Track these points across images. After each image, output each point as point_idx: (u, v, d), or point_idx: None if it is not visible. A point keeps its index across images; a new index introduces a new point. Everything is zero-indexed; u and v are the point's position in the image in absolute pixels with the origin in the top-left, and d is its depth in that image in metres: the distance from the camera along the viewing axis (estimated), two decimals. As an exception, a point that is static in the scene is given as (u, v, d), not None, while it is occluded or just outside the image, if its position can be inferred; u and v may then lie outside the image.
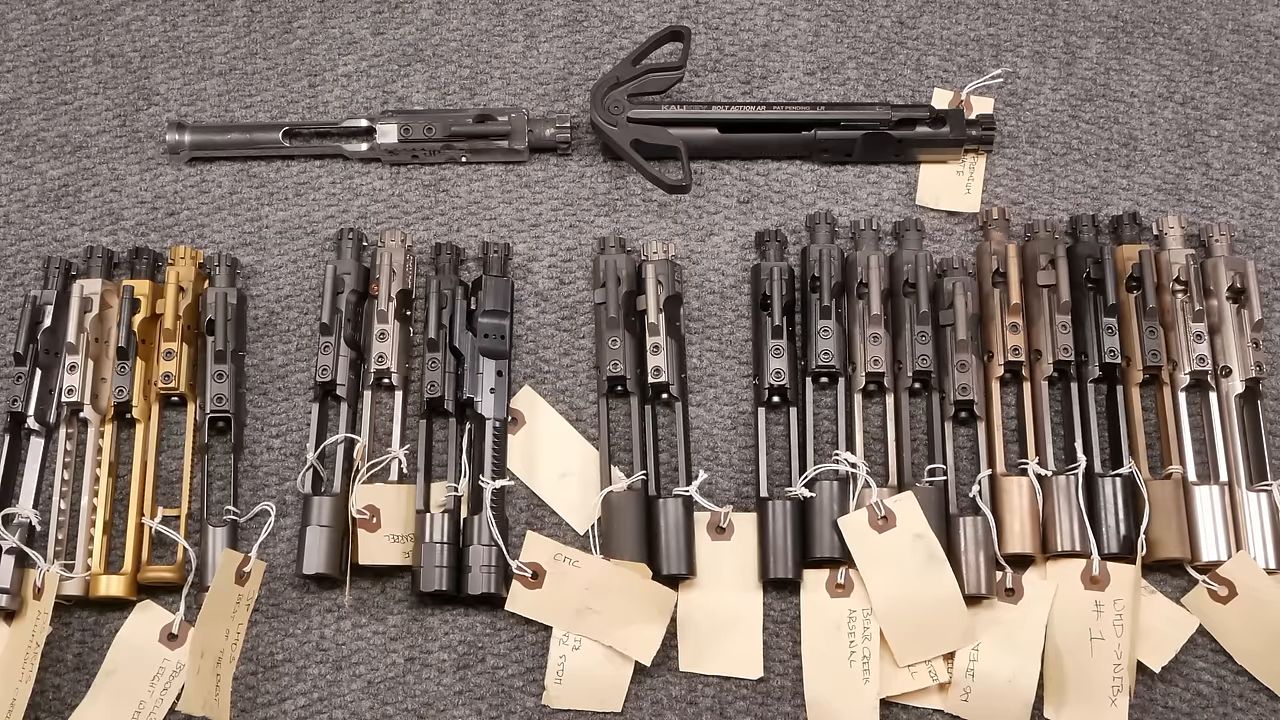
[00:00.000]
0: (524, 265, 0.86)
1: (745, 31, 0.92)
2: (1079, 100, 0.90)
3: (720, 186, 0.87)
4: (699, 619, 0.77)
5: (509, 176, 0.88)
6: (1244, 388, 0.79)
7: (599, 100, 0.85)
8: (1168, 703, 0.76)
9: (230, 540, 0.78)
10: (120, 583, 0.77)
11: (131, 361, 0.81)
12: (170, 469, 0.82)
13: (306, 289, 0.86)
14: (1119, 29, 0.92)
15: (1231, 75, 0.91)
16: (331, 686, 0.77)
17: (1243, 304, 0.80)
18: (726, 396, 0.82)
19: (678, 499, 0.77)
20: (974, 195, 0.87)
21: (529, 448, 0.81)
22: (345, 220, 0.87)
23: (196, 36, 0.92)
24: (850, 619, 0.76)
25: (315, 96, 0.91)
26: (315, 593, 0.79)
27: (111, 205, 0.88)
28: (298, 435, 0.82)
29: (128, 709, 0.76)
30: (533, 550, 0.77)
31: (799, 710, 0.76)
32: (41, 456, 0.80)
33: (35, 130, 0.90)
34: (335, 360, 0.81)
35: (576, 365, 0.83)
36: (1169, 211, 0.86)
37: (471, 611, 0.78)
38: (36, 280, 0.86)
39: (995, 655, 0.75)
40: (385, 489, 0.78)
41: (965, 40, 0.91)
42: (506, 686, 0.77)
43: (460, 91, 0.90)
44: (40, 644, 0.74)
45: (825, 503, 0.77)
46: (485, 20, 0.93)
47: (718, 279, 0.85)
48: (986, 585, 0.75)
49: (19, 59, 0.92)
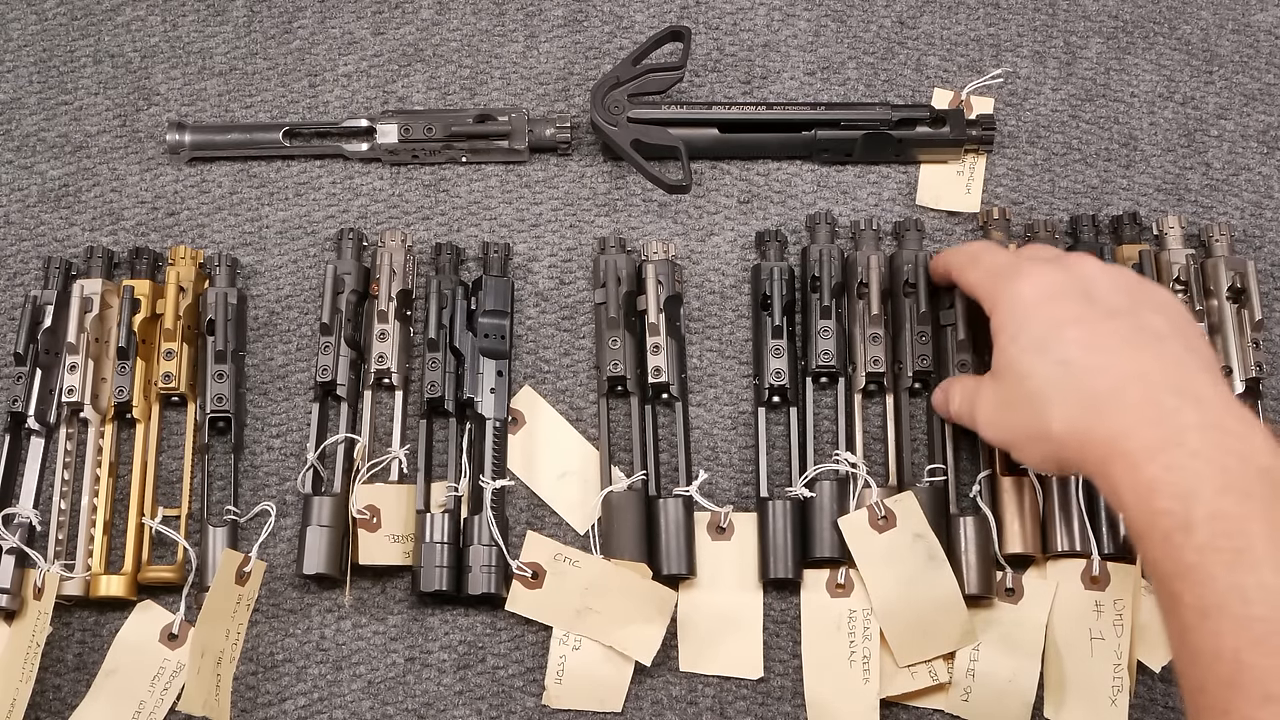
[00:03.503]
0: (524, 265, 0.86)
1: (745, 31, 0.92)
2: (1079, 100, 0.90)
3: (720, 186, 0.87)
4: (699, 619, 0.77)
5: (509, 176, 0.88)
6: (1244, 388, 0.79)
7: (599, 100, 0.85)
8: (1168, 703, 0.76)
9: (230, 540, 0.78)
10: (120, 583, 0.77)
11: (131, 361, 0.81)
12: (170, 469, 0.82)
13: (306, 289, 0.86)
14: (1119, 29, 0.92)
15: (1231, 75, 0.91)
16: (331, 686, 0.77)
17: (1243, 304, 0.80)
18: (726, 396, 0.82)
19: (678, 499, 0.77)
20: (974, 195, 0.87)
21: (529, 448, 0.81)
22: (345, 220, 0.87)
23: (196, 36, 0.92)
24: (850, 619, 0.76)
25: (315, 96, 0.91)
26: (315, 593, 0.79)
27: (111, 205, 0.88)
28: (298, 435, 0.82)
29: (128, 709, 0.76)
30: (533, 550, 0.77)
31: (799, 710, 0.76)
32: (41, 456, 0.80)
33: (35, 130, 0.90)
34: (335, 360, 0.81)
35: (576, 365, 0.83)
36: (1169, 211, 0.86)
37: (471, 611, 0.78)
38: (36, 280, 0.86)
39: (996, 655, 0.75)
40: (385, 489, 0.79)
41: (965, 40, 0.91)
42: (506, 686, 0.77)
43: (460, 91, 0.91)
44: (40, 644, 0.74)
45: (825, 503, 0.77)
46: (485, 20, 0.93)
47: (718, 279, 0.85)
48: (986, 585, 0.75)
49: (19, 59, 0.92)
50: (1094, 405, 0.62)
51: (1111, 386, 0.62)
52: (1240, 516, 0.56)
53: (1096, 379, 0.63)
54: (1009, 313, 0.68)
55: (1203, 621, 0.55)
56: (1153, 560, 0.58)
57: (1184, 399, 0.61)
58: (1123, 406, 0.61)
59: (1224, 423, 0.60)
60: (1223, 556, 0.56)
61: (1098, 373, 0.63)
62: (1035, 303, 0.67)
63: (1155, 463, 0.59)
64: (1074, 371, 0.64)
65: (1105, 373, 0.63)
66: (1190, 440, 0.59)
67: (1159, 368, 0.63)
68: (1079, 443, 0.63)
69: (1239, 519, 0.56)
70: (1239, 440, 0.59)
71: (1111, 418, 0.61)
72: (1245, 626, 0.54)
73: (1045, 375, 0.65)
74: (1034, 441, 0.67)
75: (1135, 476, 0.59)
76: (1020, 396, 0.66)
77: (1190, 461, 0.58)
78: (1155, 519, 0.58)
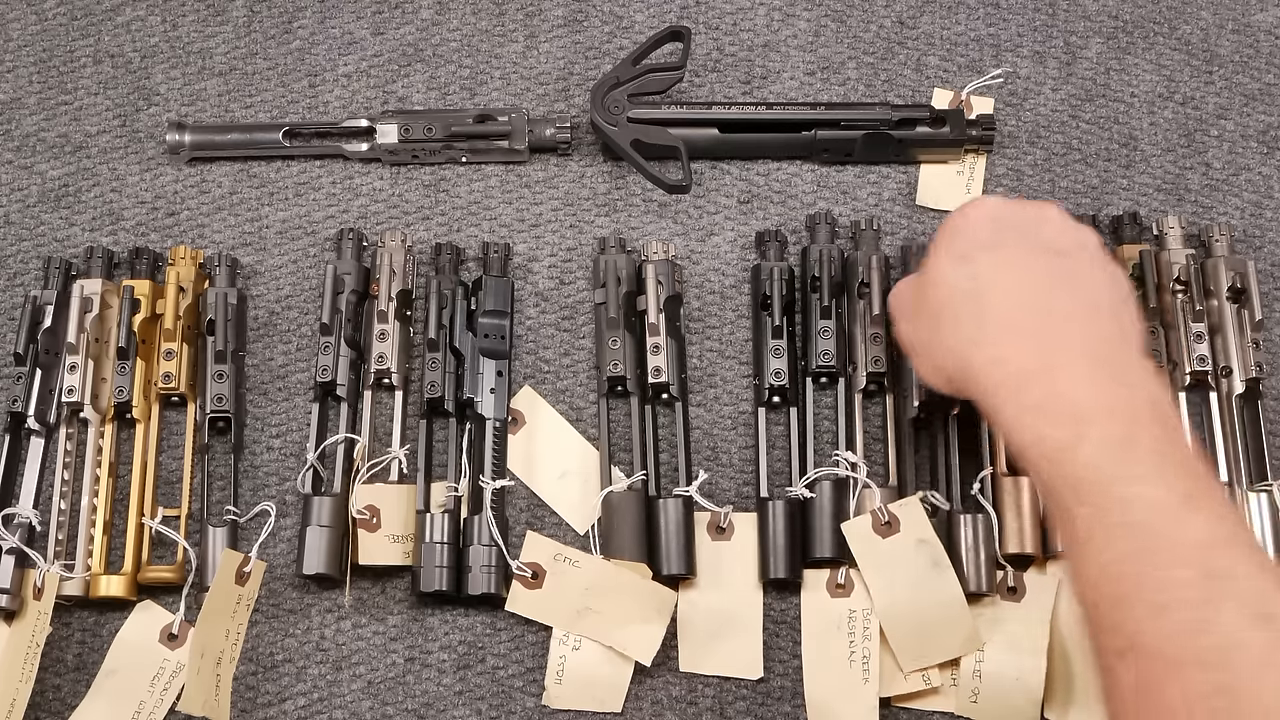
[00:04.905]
0: (524, 265, 0.86)
1: (745, 31, 0.92)
2: (1079, 100, 0.90)
3: (720, 186, 0.87)
4: (699, 619, 0.77)
5: (509, 176, 0.88)
6: (1244, 388, 0.79)
7: (599, 100, 0.85)
8: (1168, 703, 0.76)
9: (230, 540, 0.78)
10: (120, 583, 0.77)
11: (131, 361, 0.81)
12: (170, 469, 0.82)
13: (306, 289, 0.86)
14: (1119, 29, 0.92)
15: (1231, 75, 0.91)
16: (331, 686, 0.77)
17: (1243, 304, 0.80)
18: (726, 396, 0.82)
19: (678, 499, 0.77)
20: (974, 195, 0.87)
21: (529, 448, 0.81)
22: (345, 220, 0.87)
23: (196, 36, 0.92)
24: (850, 619, 0.76)
25: (315, 96, 0.91)
26: (315, 593, 0.79)
27: (111, 205, 0.88)
28: (298, 435, 0.82)
29: (128, 709, 0.76)
30: (533, 550, 0.77)
31: (799, 710, 0.76)
32: (41, 456, 0.80)
33: (35, 130, 0.90)
34: (335, 360, 0.81)
35: (576, 365, 0.83)
36: (1169, 211, 0.86)
37: (471, 611, 0.78)
38: (36, 280, 0.86)
39: (1001, 655, 0.75)
40: (385, 489, 0.78)
41: (965, 40, 0.91)
42: (506, 686, 0.77)
43: (460, 91, 0.91)
44: (40, 644, 0.74)
45: (825, 503, 0.77)
46: (485, 20, 0.93)
47: (718, 279, 0.85)
48: (988, 583, 0.75)
49: (19, 59, 0.92)
50: (986, 324, 0.63)
51: (1010, 309, 0.63)
52: (1125, 437, 0.57)
53: (997, 299, 0.64)
54: (951, 223, 0.68)
55: (1090, 535, 0.56)
56: (1043, 480, 0.59)
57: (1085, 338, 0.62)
58: (1016, 331, 0.62)
59: (1117, 358, 0.61)
60: (1108, 470, 0.56)
61: (1000, 293, 0.64)
62: (977, 221, 0.68)
63: (1041, 385, 0.60)
64: (980, 287, 0.65)
65: (1008, 296, 0.64)
66: (1079, 368, 0.60)
67: (1068, 309, 0.63)
68: (964, 358, 0.64)
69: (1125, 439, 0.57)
70: (1129, 372, 0.60)
71: (1002, 340, 0.63)
72: (1131, 536, 0.55)
73: (954, 286, 0.66)
74: (928, 349, 0.68)
75: (1020, 399, 0.60)
76: (929, 302, 0.67)
77: (1078, 386, 0.59)
78: (1041, 441, 0.59)
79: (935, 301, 0.67)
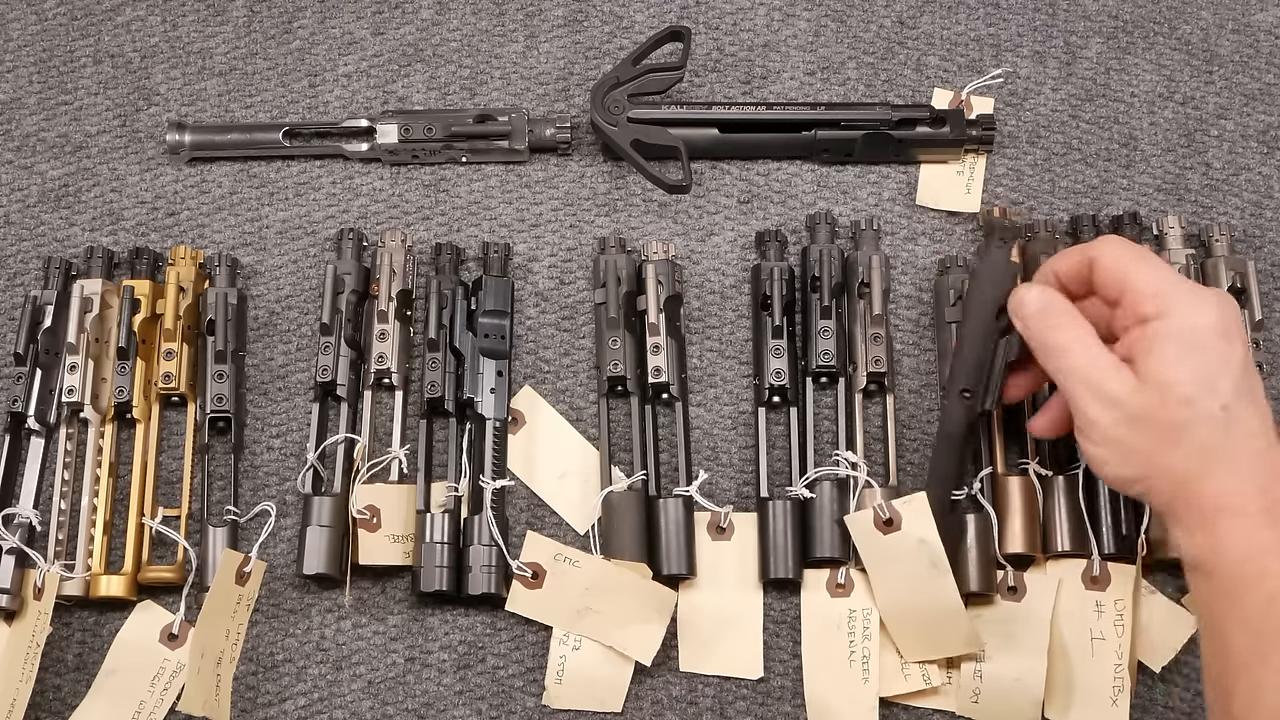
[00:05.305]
0: (524, 265, 0.86)
1: (745, 31, 0.92)
2: (1079, 100, 0.90)
3: (720, 186, 0.87)
4: (699, 619, 0.77)
5: (509, 176, 0.88)
6: (1244, 388, 0.79)
7: (599, 100, 0.85)
8: (1168, 703, 0.76)
9: (230, 540, 0.78)
10: (120, 583, 0.77)
11: (132, 361, 0.81)
12: (170, 469, 0.82)
13: (306, 289, 0.86)
14: (1119, 29, 0.92)
15: (1231, 75, 0.91)
16: (331, 686, 0.77)
17: (1243, 304, 0.80)
18: (727, 396, 0.82)
19: (678, 499, 0.77)
20: (974, 195, 0.87)
21: (529, 448, 0.81)
22: (345, 220, 0.87)
23: (196, 36, 0.92)
24: (850, 619, 0.76)
25: (315, 96, 0.91)
26: (315, 593, 0.79)
27: (111, 205, 0.88)
28: (298, 435, 0.82)
29: (128, 709, 0.76)
30: (533, 550, 0.77)
31: (799, 710, 0.76)
32: (41, 456, 0.80)
33: (35, 130, 0.90)
34: (335, 360, 0.81)
35: (576, 365, 0.83)
36: (1169, 211, 0.86)
37: (471, 611, 0.78)
38: (36, 280, 0.86)
39: (1002, 655, 0.75)
40: (385, 489, 0.78)
41: (965, 40, 0.91)
42: (506, 686, 0.77)
43: (460, 91, 0.91)
44: (40, 644, 0.74)
45: (825, 503, 0.77)
46: (485, 20, 0.93)
47: (718, 279, 0.85)
48: (987, 583, 0.75)
49: (19, 59, 0.92)
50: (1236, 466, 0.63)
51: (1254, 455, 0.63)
52: None
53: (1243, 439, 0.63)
54: (1188, 328, 0.64)
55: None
56: (1241, 618, 0.60)
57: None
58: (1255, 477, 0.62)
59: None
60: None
61: (1247, 434, 0.63)
62: (1215, 331, 0.64)
63: (1271, 528, 0.60)
64: (1233, 418, 0.63)
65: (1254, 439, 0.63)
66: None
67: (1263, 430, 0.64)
68: (1186, 485, 0.63)
69: None
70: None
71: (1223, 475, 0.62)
72: None
73: (1199, 410, 0.63)
74: (1135, 458, 0.65)
75: (1250, 537, 0.61)
76: (1152, 412, 0.64)
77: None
78: (1264, 579, 0.60)
79: (1166, 417, 0.63)
